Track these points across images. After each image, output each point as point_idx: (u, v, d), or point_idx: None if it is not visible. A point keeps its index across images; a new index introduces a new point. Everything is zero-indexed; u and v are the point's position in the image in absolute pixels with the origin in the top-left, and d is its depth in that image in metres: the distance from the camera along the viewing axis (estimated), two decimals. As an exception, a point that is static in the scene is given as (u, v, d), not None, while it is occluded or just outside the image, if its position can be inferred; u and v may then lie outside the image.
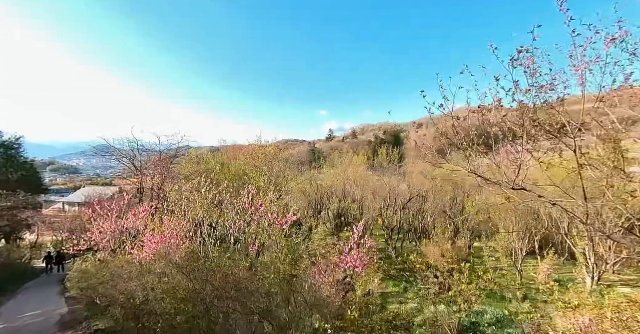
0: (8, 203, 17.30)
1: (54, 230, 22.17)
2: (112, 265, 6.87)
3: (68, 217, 21.54)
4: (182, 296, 4.50)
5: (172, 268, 5.70)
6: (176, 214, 8.85)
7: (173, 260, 5.98)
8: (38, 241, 24.42)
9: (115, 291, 5.88)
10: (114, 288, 5.98)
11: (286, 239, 5.96)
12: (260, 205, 6.91)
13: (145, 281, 5.66)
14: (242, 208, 8.31)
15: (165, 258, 6.12)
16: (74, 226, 18.89)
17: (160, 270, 6.16)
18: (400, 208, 17.92)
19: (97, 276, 7.41)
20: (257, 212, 7.07)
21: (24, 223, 20.44)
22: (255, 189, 8.66)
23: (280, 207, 9.46)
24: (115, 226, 11.40)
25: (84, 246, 10.90)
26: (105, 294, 6.42)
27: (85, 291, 7.74)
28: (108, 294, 6.28)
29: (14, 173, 19.90)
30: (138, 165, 18.71)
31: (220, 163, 15.79)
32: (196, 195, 8.00)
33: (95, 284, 7.14)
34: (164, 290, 5.11)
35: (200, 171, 15.15)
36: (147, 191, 18.28)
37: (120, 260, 7.06)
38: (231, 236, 8.32)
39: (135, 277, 6.10)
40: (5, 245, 19.57)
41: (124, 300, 5.50)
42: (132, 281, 5.94)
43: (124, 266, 6.49)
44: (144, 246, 10.97)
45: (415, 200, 19.57)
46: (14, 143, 20.12)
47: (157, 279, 5.66)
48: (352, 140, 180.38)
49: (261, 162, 14.92)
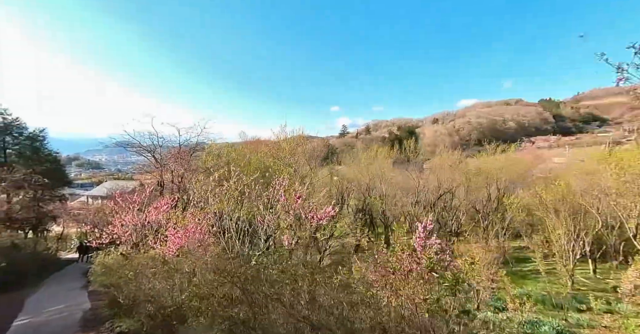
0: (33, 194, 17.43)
1: (78, 223, 22.50)
2: (135, 262, 6.23)
3: (91, 210, 21.71)
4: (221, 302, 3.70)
5: (203, 268, 4.93)
6: (202, 207, 8.18)
7: (203, 258, 5.22)
8: (64, 234, 25.01)
9: (140, 292, 5.21)
10: (138, 288, 5.32)
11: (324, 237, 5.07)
12: (299, 197, 6.06)
13: (173, 283, 4.93)
14: (273, 200, 7.53)
15: (193, 255, 5.37)
16: (97, 219, 18.93)
17: (189, 269, 5.41)
18: (430, 204, 16.74)
19: (120, 273, 6.84)
20: (294, 205, 6.23)
21: (49, 215, 20.80)
22: (286, 180, 7.84)
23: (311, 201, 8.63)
24: (137, 219, 10.99)
25: (106, 240, 10.53)
26: (129, 293, 5.79)
27: (108, 288, 7.18)
28: (132, 294, 5.64)
29: (39, 165, 20.16)
30: (158, 158, 18.44)
31: (241, 156, 15.17)
32: (225, 186, 7.23)
33: (119, 282, 6.57)
34: (196, 294, 4.33)
35: (220, 164, 14.54)
36: (168, 184, 17.99)
37: (145, 257, 6.42)
38: (262, 232, 7.52)
39: (162, 277, 5.38)
40: (33, 236, 19.96)
41: (149, 303, 4.82)
42: (158, 281, 5.24)
43: (149, 263, 5.82)
44: (167, 241, 10.51)
45: (444, 196, 18.32)
46: (39, 135, 20.34)
47: (186, 280, 4.91)
48: (366, 136, 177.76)
49: (286, 152, 14.15)
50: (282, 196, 6.23)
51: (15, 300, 10.82)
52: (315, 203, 7.32)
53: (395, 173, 19.36)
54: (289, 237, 6.36)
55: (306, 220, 6.94)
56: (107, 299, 7.44)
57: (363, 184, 18.29)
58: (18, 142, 19.56)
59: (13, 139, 19.34)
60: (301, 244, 6.90)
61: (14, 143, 19.46)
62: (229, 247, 7.30)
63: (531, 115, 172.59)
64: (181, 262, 5.53)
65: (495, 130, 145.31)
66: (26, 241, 15.41)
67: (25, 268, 13.63)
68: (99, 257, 12.85)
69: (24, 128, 19.62)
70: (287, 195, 6.30)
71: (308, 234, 7.30)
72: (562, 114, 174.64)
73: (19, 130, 19.47)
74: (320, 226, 7.37)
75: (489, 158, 19.05)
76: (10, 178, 16.26)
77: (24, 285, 12.83)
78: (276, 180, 7.75)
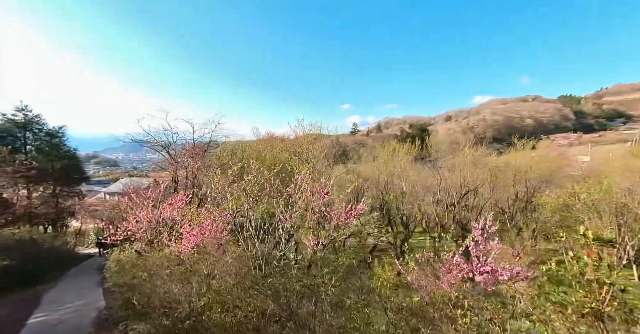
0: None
1: (95, 218, 22.79)
2: (150, 262, 5.78)
3: (107, 206, 21.89)
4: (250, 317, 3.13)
5: (222, 271, 4.38)
6: (219, 203, 7.71)
7: (222, 259, 4.68)
8: (82, 229, 25.45)
9: (154, 295, 4.74)
10: (153, 291, 4.86)
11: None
12: (327, 193, 5.44)
13: (191, 287, 4.41)
14: (295, 197, 6.96)
15: (212, 256, 4.84)
16: (112, 215, 19.00)
17: (207, 271, 4.88)
18: (453, 203, 15.79)
19: (134, 273, 6.44)
20: (319, 202, 5.61)
21: (67, 210, 21.09)
22: (308, 176, 7.24)
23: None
24: (152, 215, 10.70)
25: (121, 236, 10.28)
26: (143, 295, 5.34)
27: (122, 288, 6.82)
28: (146, 297, 5.19)
29: (58, 161, 20.40)
30: (173, 154, 18.29)
31: (256, 151, 14.71)
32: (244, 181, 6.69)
33: (133, 283, 6.16)
34: (216, 301, 3.78)
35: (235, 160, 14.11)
36: (182, 180, 17.82)
37: (160, 256, 5.97)
38: (283, 231, 6.96)
39: (178, 279, 4.88)
40: (52, 231, 20.26)
41: (165, 310, 4.34)
42: (174, 284, 4.74)
43: (164, 263, 5.35)
44: (182, 239, 10.15)
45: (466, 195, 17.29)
46: (58, 132, 20.58)
47: (205, 285, 4.38)
48: (377, 134, 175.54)
49: (304, 148, 13.56)
50: (308, 192, 5.63)
51: (32, 296, 10.76)
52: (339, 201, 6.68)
53: (414, 170, 18.46)
54: (313, 237, 5.76)
55: (328, 218, 6.33)
56: (121, 299, 7.07)
57: (381, 181, 17.51)
58: (38, 138, 19.87)
59: (33, 135, 19.65)
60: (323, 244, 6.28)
61: (34, 140, 19.77)
62: (247, 246, 6.77)
63: (550, 111, 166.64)
64: (198, 263, 5.00)
65: (511, 127, 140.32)
66: (44, 236, 15.52)
67: (44, 263, 13.68)
68: (113, 254, 12.70)
69: (44, 125, 19.90)
70: (312, 191, 5.69)
71: (328, 233, 6.69)
72: (583, 111, 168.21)
73: (39, 126, 19.76)
74: (338, 225, 6.76)
75: (517, 154, 17.85)
76: (30, 173, 16.43)
77: (42, 280, 12.85)
78: (298, 175, 7.17)
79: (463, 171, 16.10)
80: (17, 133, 18.88)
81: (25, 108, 19.02)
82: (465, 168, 16.11)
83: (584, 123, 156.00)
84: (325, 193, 5.42)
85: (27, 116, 19.15)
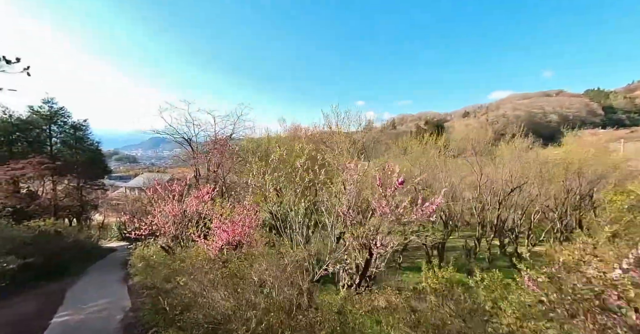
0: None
1: (117, 212, 22.76)
2: (186, 263, 4.89)
3: (130, 200, 21.76)
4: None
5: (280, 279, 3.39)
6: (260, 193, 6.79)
7: (276, 262, 3.70)
8: (105, 223, 25.63)
9: (195, 305, 3.84)
10: (192, 299, 3.96)
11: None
12: (402, 183, 4.35)
13: (241, 299, 3.44)
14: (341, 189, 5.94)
15: (264, 260, 3.86)
16: (135, 209, 18.73)
17: (257, 276, 3.92)
18: (499, 200, 14.30)
19: (164, 274, 5.63)
20: (390, 192, 4.53)
21: (91, 203, 21.11)
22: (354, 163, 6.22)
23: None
24: (178, 208, 10.01)
25: (145, 231, 9.64)
26: (178, 302, 4.47)
27: (150, 290, 6.03)
28: (182, 304, 4.31)
29: (82, 154, 20.36)
30: (194, 148, 17.74)
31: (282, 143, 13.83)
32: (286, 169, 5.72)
33: (163, 286, 5.35)
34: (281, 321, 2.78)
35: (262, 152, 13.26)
36: (204, 175, 17.25)
37: (197, 257, 5.08)
38: (332, 229, 5.93)
39: (221, 284, 3.94)
40: (76, 224, 20.30)
41: (209, 324, 3.42)
42: (217, 291, 3.81)
43: (204, 265, 4.44)
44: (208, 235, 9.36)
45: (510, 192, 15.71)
46: (82, 124, 20.52)
47: (262, 298, 3.40)
48: (392, 130, 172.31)
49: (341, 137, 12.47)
50: (378, 180, 4.56)
51: (56, 291, 10.33)
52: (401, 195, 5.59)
53: (450, 164, 17.00)
54: (383, 238, 4.69)
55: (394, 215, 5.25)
56: (149, 301, 6.28)
57: (415, 176, 16.19)
58: (62, 131, 19.87)
59: (58, 128, 19.66)
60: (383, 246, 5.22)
61: (59, 132, 19.78)
62: (291, 246, 5.78)
63: (576, 106, 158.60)
64: (245, 267, 4.04)
65: (534, 123, 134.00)
66: (69, 229, 15.31)
67: (68, 256, 13.39)
68: (137, 249, 12.17)
69: (69, 117, 19.86)
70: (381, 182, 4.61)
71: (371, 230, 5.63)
72: (612, 105, 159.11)
73: (64, 119, 19.73)
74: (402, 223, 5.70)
75: (571, 146, 16.04)
76: (55, 165, 16.25)
77: (67, 273, 12.53)
78: (347, 163, 6.15)
79: (510, 165, 14.54)
80: (42, 126, 18.88)
81: (50, 101, 18.98)
82: (512, 163, 14.55)
83: (613, 119, 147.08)
84: (400, 183, 4.34)
85: (52, 108, 19.11)
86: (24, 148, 17.33)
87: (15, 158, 15.41)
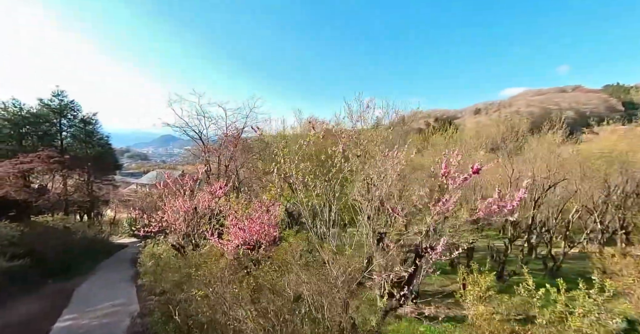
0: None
1: (128, 208, 22.40)
2: (200, 270, 4.01)
3: (140, 196, 21.33)
4: None
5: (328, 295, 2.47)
6: (273, 190, 5.92)
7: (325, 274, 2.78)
8: (116, 218, 25.38)
9: (217, 327, 2.97)
10: (211, 319, 3.09)
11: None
12: (477, 171, 3.38)
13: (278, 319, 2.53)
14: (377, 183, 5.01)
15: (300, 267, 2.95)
16: (146, 204, 18.24)
17: (293, 289, 3.01)
18: (534, 197, 13.04)
19: (174, 279, 4.83)
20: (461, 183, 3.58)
21: (101, 199, 20.76)
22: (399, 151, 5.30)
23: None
24: (190, 204, 9.25)
25: (155, 228, 8.94)
26: (194, 319, 3.62)
27: (160, 297, 5.23)
28: (198, 325, 3.46)
29: (92, 148, 19.99)
30: (206, 142, 17.05)
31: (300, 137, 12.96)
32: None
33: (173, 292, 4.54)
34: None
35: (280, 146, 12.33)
36: (214, 171, 16.55)
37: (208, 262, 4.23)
38: (370, 228, 4.99)
39: (247, 299, 3.05)
40: (87, 220, 19.97)
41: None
42: (243, 309, 2.92)
43: (225, 274, 3.55)
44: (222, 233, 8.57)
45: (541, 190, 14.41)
46: (92, 118, 20.13)
47: (300, 316, 2.49)
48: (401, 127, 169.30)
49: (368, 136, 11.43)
50: (444, 167, 3.62)
51: (63, 290, 9.80)
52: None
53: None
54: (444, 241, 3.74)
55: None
56: (159, 310, 5.49)
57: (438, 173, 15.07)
58: (72, 125, 19.50)
59: (68, 122, 19.29)
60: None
61: (69, 126, 19.41)
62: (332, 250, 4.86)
63: (594, 102, 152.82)
64: (274, 276, 3.13)
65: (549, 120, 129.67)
66: (77, 225, 14.85)
67: (77, 253, 12.89)
68: (147, 247, 11.53)
69: (78, 111, 19.47)
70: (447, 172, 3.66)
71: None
72: (633, 101, 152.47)
73: (74, 113, 19.35)
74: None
75: (613, 136, 14.58)
76: (64, 159, 15.81)
77: (76, 271, 12.05)
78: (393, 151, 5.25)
79: (547, 160, 13.22)
80: (53, 119, 18.52)
81: (60, 94, 18.59)
82: (549, 157, 13.24)
83: (634, 115, 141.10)
84: (475, 170, 3.37)
85: (62, 101, 18.72)
86: (34, 143, 16.99)
87: (25, 152, 15.03)
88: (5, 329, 7.03)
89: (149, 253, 10.57)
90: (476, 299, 6.98)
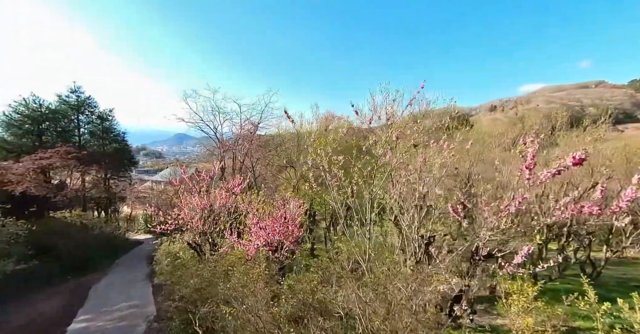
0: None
1: (144, 205, 22.47)
2: (232, 283, 3.43)
3: (156, 192, 21.33)
4: None
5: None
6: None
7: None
8: (132, 215, 25.60)
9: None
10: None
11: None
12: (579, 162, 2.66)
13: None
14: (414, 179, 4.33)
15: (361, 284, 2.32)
16: (161, 201, 18.13)
17: (342, 305, 2.38)
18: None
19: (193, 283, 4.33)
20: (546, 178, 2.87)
21: (118, 195, 20.86)
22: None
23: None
24: (207, 201, 8.82)
25: (171, 226, 8.57)
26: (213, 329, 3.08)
27: (178, 303, 4.76)
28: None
29: (109, 145, 20.08)
30: (220, 138, 16.72)
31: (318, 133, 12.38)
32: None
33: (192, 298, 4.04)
34: None
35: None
36: (229, 167, 16.21)
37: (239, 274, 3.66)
38: (416, 230, 4.33)
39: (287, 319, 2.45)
40: (104, 216, 20.12)
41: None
42: (282, 329, 2.32)
43: (258, 287, 2.96)
44: (242, 233, 8.09)
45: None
46: (109, 114, 20.19)
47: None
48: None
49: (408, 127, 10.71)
50: (531, 158, 2.93)
51: (79, 289, 9.61)
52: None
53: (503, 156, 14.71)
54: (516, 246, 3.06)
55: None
56: (177, 314, 5.02)
57: (463, 171, 14.13)
58: (90, 121, 19.62)
59: (86, 118, 19.41)
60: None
61: (86, 122, 19.54)
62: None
63: (618, 98, 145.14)
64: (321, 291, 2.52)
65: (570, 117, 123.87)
66: (94, 221, 14.81)
67: (94, 249, 12.79)
68: (163, 244, 11.25)
69: (95, 107, 19.55)
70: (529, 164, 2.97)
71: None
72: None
73: (91, 109, 19.45)
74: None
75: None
76: (82, 154, 15.82)
77: (93, 267, 11.94)
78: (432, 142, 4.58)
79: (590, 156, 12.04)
80: (70, 116, 18.64)
81: (77, 90, 18.69)
82: (592, 153, 12.09)
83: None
84: (579, 160, 2.67)
85: (79, 97, 18.81)
86: (53, 139, 17.11)
87: (44, 148, 15.10)
88: (20, 330, 6.78)
89: (164, 251, 10.24)
90: (522, 310, 6.25)
